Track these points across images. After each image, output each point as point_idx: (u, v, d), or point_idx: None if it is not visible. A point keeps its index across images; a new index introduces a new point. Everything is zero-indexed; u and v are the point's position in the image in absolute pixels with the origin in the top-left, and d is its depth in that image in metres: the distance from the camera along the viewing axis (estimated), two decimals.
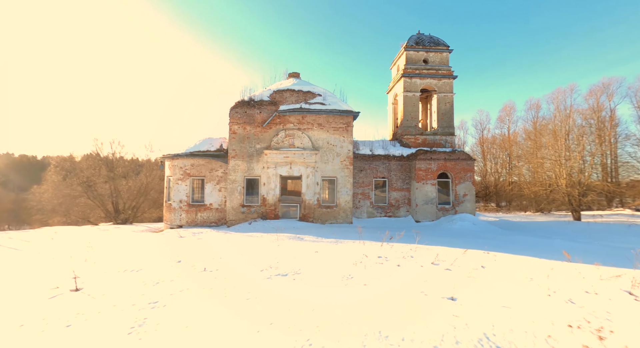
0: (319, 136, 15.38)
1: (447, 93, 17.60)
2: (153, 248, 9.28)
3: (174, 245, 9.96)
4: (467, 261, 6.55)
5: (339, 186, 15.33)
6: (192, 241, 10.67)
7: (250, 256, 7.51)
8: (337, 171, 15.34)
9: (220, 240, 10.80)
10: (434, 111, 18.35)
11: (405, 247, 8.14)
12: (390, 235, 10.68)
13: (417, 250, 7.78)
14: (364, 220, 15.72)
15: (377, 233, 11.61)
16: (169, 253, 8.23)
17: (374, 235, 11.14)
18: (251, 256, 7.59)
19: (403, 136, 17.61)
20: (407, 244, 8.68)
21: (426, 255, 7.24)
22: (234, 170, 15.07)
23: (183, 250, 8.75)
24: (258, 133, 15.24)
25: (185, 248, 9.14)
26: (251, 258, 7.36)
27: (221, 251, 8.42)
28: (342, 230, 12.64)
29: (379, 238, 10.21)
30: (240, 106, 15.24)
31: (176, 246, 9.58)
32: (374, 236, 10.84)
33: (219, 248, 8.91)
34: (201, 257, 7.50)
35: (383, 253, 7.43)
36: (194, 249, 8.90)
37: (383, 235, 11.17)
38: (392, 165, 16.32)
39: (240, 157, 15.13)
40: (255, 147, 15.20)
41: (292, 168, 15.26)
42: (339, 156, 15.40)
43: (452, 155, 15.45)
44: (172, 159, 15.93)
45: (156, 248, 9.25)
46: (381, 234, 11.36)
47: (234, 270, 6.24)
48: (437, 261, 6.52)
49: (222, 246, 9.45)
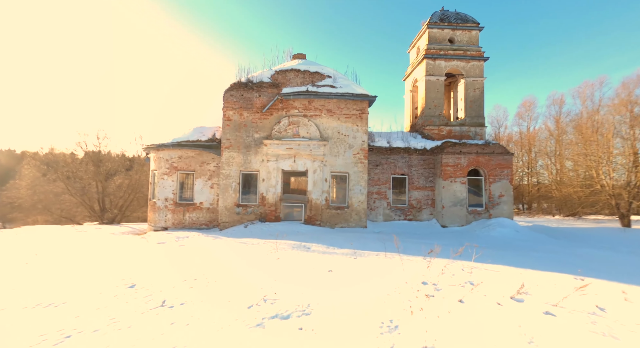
0: (328, 124, 13.20)
1: (476, 77, 15.32)
2: (115, 260, 7.16)
3: (146, 254, 7.84)
4: (571, 295, 4.31)
5: (352, 183, 13.13)
6: (171, 250, 8.55)
7: (239, 277, 5.37)
8: (349, 165, 13.14)
9: (207, 249, 8.68)
10: (460, 98, 16.06)
11: (454, 266, 5.92)
12: (423, 246, 8.46)
13: (473, 272, 5.55)
14: (380, 224, 13.50)
15: (401, 242, 9.39)
16: (131, 268, 6.11)
17: (399, 243, 8.92)
18: (240, 276, 5.45)
19: (424, 127, 15.36)
20: (454, 260, 6.44)
21: (492, 280, 5.02)
22: (228, 163, 12.94)
23: (152, 263, 6.63)
24: (257, 120, 13.09)
25: (156, 260, 7.01)
26: (239, 279, 5.22)
27: (202, 266, 6.28)
28: (356, 236, 10.44)
29: (408, 249, 7.99)
30: (235, 89, 13.10)
31: (147, 257, 7.46)
32: (400, 245, 8.63)
33: (201, 262, 6.77)
34: (170, 278, 5.36)
35: (426, 275, 5.23)
36: (167, 262, 6.77)
37: (410, 244, 8.95)
38: (413, 160, 14.08)
39: (236, 148, 12.99)
40: (254, 136, 13.06)
41: (296, 162, 13.09)
42: (352, 148, 13.20)
43: (486, 148, 13.17)
44: (157, 151, 13.85)
45: (119, 260, 7.13)
46: (407, 243, 9.14)
47: (208, 305, 4.09)
48: (519, 296, 4.29)
49: (206, 258, 7.31)
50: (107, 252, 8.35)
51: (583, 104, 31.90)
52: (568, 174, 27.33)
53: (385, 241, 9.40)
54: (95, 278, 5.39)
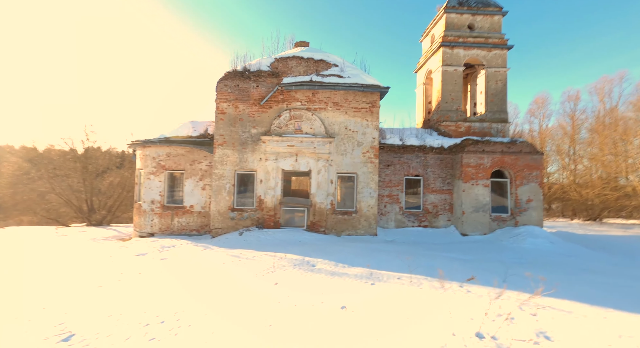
0: (334, 118, 11.78)
1: (498, 68, 13.85)
2: (73, 283, 5.80)
3: (115, 275, 6.48)
4: None
5: (360, 185, 11.73)
6: (148, 267, 7.19)
7: (221, 315, 3.99)
8: (358, 165, 11.74)
9: (191, 266, 7.33)
10: (480, 91, 14.60)
11: (509, 304, 4.50)
12: (450, 262, 7.06)
13: (539, 314, 4.15)
14: (391, 231, 12.11)
15: (421, 256, 8.01)
16: (83, 303, 4.74)
17: (420, 259, 7.53)
18: (224, 312, 4.07)
19: (440, 123, 13.92)
20: (504, 290, 5.03)
21: (573, 330, 3.62)
22: (222, 162, 11.55)
23: (114, 292, 5.25)
24: (254, 114, 11.68)
25: (122, 287, 5.64)
26: (220, 321, 3.83)
27: (177, 300, 4.90)
28: (368, 248, 9.04)
29: (433, 268, 6.59)
30: (230, 78, 11.68)
31: (114, 280, 6.09)
32: (423, 262, 7.24)
33: (178, 290, 5.40)
34: (126, 321, 3.98)
35: (476, 319, 3.85)
36: (134, 290, 5.39)
37: (433, 260, 7.56)
38: (429, 159, 12.65)
39: (230, 145, 11.59)
40: (250, 132, 11.65)
41: (298, 161, 11.69)
42: (361, 146, 11.78)
43: (512, 147, 11.73)
44: (143, 147, 12.47)
45: (77, 285, 5.77)
46: (428, 258, 7.75)
47: None
48: None
49: (187, 281, 5.94)
50: (71, 269, 6.98)
51: (601, 101, 30.39)
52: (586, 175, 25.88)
53: (401, 254, 8.01)
54: (23, 323, 4.02)
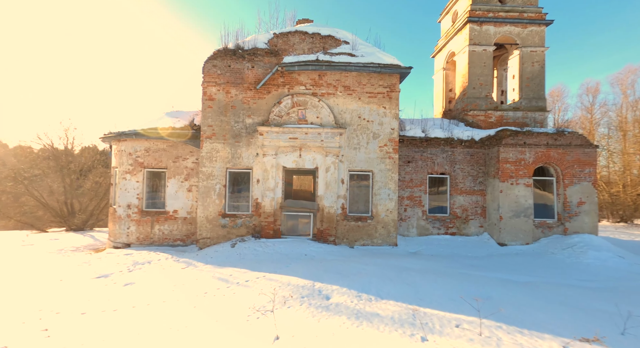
0: (345, 105, 9.90)
1: (535, 47, 11.95)
2: None
3: (49, 311, 4.62)
4: None
5: (377, 185, 9.87)
6: (102, 298, 5.34)
7: None
8: (374, 161, 9.87)
9: (164, 293, 5.51)
10: (512, 75, 12.71)
11: None
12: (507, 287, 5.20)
13: None
14: (413, 240, 10.25)
15: (464, 277, 6.14)
16: None
17: (465, 282, 5.66)
18: None
19: (466, 113, 12.03)
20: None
21: None
22: (210, 158, 9.68)
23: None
24: (249, 100, 9.80)
25: (43, 336, 3.79)
26: None
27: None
28: (394, 265, 7.18)
29: (487, 299, 4.74)
30: (220, 57, 9.79)
31: (35, 325, 4.23)
32: (473, 289, 5.37)
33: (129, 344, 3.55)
34: None
35: None
36: (55, 344, 3.54)
37: (481, 283, 5.72)
38: (457, 154, 10.77)
39: (221, 137, 9.72)
40: (245, 122, 9.78)
41: (302, 157, 9.82)
42: (377, 139, 9.91)
43: (560, 138, 9.84)
44: (118, 142, 10.61)
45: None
46: (476, 281, 5.90)
47: None
48: None
49: (145, 328, 4.08)
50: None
51: (624, 93, 28.48)
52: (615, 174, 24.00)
53: (438, 275, 6.14)
54: None
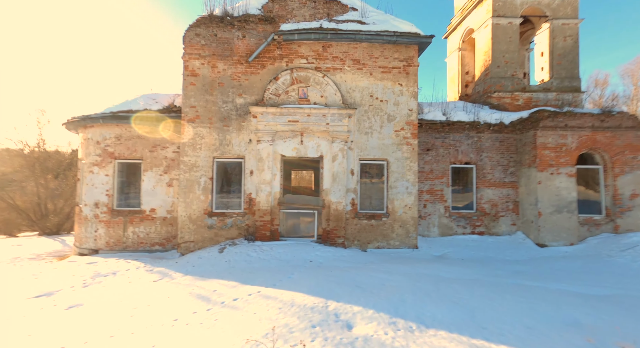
0: (354, 82, 8.40)
1: (568, 19, 10.56)
2: None
3: None
4: None
5: (393, 177, 8.37)
6: (27, 330, 3.74)
7: None
8: (389, 148, 8.38)
9: (118, 319, 3.94)
10: (541, 52, 11.30)
11: None
12: None
13: None
14: (436, 241, 8.76)
15: (521, 291, 4.67)
16: None
17: (526, 298, 4.17)
18: None
19: (490, 95, 10.59)
20: None
21: None
22: (194, 146, 8.11)
23: None
24: (239, 76, 8.25)
25: None
26: None
27: None
28: (423, 274, 5.68)
29: (573, 325, 3.24)
30: (205, 25, 8.24)
31: None
32: (549, 310, 3.88)
33: None
34: None
35: None
36: None
37: (552, 301, 4.26)
38: (484, 140, 9.31)
39: (206, 121, 8.16)
40: (235, 102, 8.23)
41: (304, 143, 8.30)
42: (392, 121, 8.43)
43: (607, 120, 8.41)
44: (85, 128, 9.00)
45: None
46: (544, 297, 4.44)
47: None
48: None
49: None
50: None
51: (635, 85, 27.35)
52: None
53: (484, 287, 4.66)
54: None
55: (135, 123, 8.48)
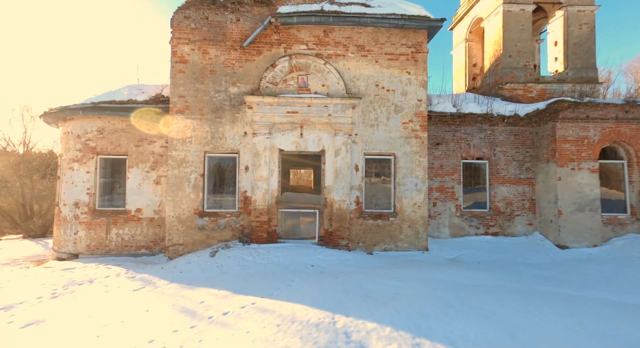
0: (358, 70, 7.76)
1: (583, 6, 9.98)
2: None
3: None
4: None
5: (401, 173, 7.73)
6: None
7: None
8: (396, 142, 7.74)
9: (76, 342, 3.17)
10: (555, 41, 10.71)
11: None
12: None
13: None
14: (447, 243, 8.11)
15: (553, 298, 4.05)
16: None
17: (582, 310, 3.56)
18: None
19: (501, 86, 9.99)
20: None
21: None
22: (183, 139, 7.43)
23: None
24: (233, 63, 7.58)
25: None
26: None
27: None
28: (441, 280, 5.04)
29: None
30: (195, 7, 7.56)
31: None
32: (597, 326, 3.23)
33: None
34: None
35: None
36: None
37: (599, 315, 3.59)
38: (497, 134, 8.69)
39: (196, 112, 7.48)
40: (228, 91, 7.55)
41: (304, 136, 7.63)
42: (400, 113, 7.78)
43: (632, 110, 7.82)
44: (64, 121, 8.29)
45: None
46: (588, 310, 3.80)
47: None
48: None
49: None
50: None
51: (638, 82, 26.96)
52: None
53: (525, 298, 4.03)
54: None
55: (119, 115, 7.77)
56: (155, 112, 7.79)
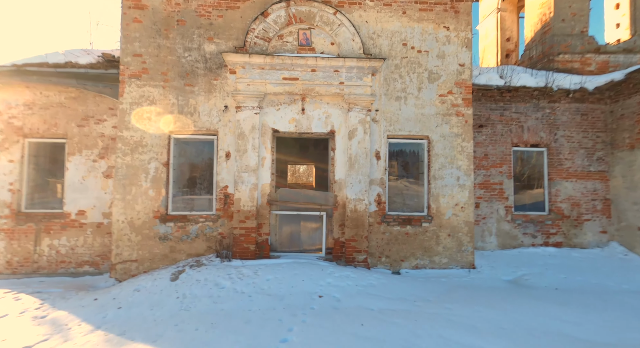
0: (380, 24, 5.80)
1: None
2: None
3: None
4: None
5: (437, 162, 5.77)
6: None
7: None
8: (431, 121, 5.79)
9: None
10: (616, 4, 8.82)
11: None
12: None
13: None
14: (495, 256, 6.15)
15: None
16: None
17: None
18: None
19: (553, 58, 8.08)
20: None
21: None
22: (139, 115, 5.43)
23: None
24: (209, 11, 5.60)
25: None
26: None
27: None
28: (539, 330, 3.02)
29: None
30: None
31: None
32: None
33: None
34: None
35: None
36: None
37: None
38: (559, 113, 6.77)
39: (157, 77, 5.48)
40: (203, 49, 5.56)
41: (306, 112, 5.65)
42: (436, 82, 5.83)
43: None
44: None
45: None
46: None
47: None
48: None
49: None
50: None
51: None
52: None
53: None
54: None
55: (53, 82, 5.76)
56: (105, 80, 5.79)
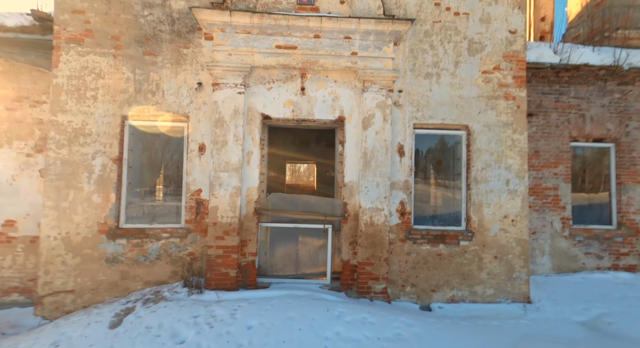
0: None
1: None
2: None
3: None
4: None
5: (480, 161, 4.37)
6: None
7: None
8: (472, 106, 4.39)
9: None
10: None
11: None
12: None
13: None
14: (552, 284, 4.75)
15: None
16: None
17: None
18: None
19: (609, 34, 6.68)
20: None
21: None
22: (80, 92, 4.04)
23: None
24: None
25: None
26: None
27: None
28: None
29: None
30: None
31: None
32: None
33: None
34: None
35: None
36: None
37: None
38: (631, 99, 5.39)
39: (106, 42, 4.09)
40: (169, 6, 4.18)
41: (307, 92, 4.25)
42: (478, 54, 4.43)
43: None
44: None
45: None
46: None
47: None
48: None
49: None
50: None
51: None
52: None
53: None
54: None
55: None
56: (40, 48, 4.42)
